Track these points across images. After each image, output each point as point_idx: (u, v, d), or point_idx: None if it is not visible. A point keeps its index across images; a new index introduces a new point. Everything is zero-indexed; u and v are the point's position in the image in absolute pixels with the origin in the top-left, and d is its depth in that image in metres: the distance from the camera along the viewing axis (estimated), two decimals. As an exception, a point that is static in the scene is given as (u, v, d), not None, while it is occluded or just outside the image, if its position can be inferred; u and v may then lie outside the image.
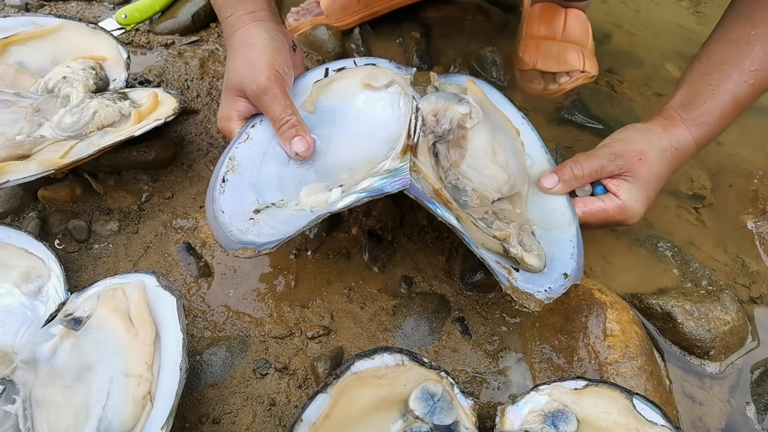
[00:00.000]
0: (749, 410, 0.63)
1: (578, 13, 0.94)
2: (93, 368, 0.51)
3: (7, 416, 0.48)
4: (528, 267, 0.59)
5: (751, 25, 0.61)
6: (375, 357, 0.53)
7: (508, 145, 0.66)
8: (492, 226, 0.60)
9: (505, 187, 0.64)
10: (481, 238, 0.58)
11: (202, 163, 0.79)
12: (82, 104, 0.70)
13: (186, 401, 0.58)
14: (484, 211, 0.61)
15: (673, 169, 0.66)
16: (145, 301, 0.55)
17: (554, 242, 0.62)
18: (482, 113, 0.65)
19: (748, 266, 0.75)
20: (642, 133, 0.65)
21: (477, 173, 0.63)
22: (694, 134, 0.64)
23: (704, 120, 0.64)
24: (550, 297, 0.56)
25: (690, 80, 0.65)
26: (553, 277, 0.59)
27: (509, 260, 0.59)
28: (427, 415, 0.51)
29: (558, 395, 0.53)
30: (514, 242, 0.59)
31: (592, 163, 0.64)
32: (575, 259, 0.61)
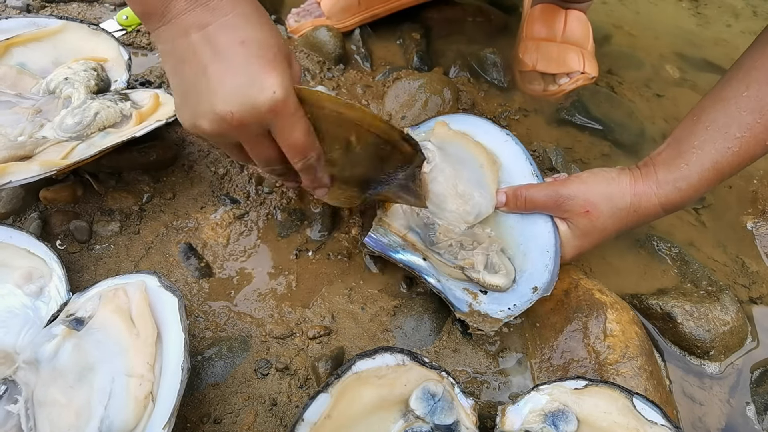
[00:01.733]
0: (749, 410, 0.63)
1: (578, 15, 0.94)
2: (95, 368, 0.51)
3: (10, 416, 0.49)
4: (494, 288, 0.63)
5: (744, 85, 0.57)
6: (376, 357, 0.53)
7: (471, 175, 0.69)
8: (457, 256, 0.65)
9: (470, 217, 0.68)
10: (447, 270, 0.64)
11: (203, 164, 0.79)
12: (83, 105, 0.70)
13: (187, 401, 0.58)
14: (448, 245, 0.66)
15: (626, 227, 0.64)
16: (146, 302, 0.55)
17: (530, 255, 0.66)
18: (439, 154, 0.70)
19: (747, 267, 0.75)
20: (605, 183, 0.63)
21: (442, 210, 0.68)
22: (664, 198, 0.61)
23: (678, 185, 0.60)
24: (510, 314, 0.60)
25: (677, 136, 0.61)
26: (520, 293, 0.63)
27: (476, 285, 0.63)
28: (428, 415, 0.51)
29: (558, 395, 0.53)
30: (479, 268, 0.64)
31: (535, 200, 0.65)
32: (549, 270, 0.63)
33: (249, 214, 0.74)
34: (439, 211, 0.68)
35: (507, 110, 0.92)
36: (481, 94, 0.94)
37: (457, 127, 0.73)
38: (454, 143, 0.71)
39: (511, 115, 0.92)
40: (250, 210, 0.74)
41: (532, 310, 0.66)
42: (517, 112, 0.92)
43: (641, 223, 0.64)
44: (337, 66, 0.96)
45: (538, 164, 0.82)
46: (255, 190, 0.76)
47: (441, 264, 0.64)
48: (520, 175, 0.71)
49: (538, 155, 0.84)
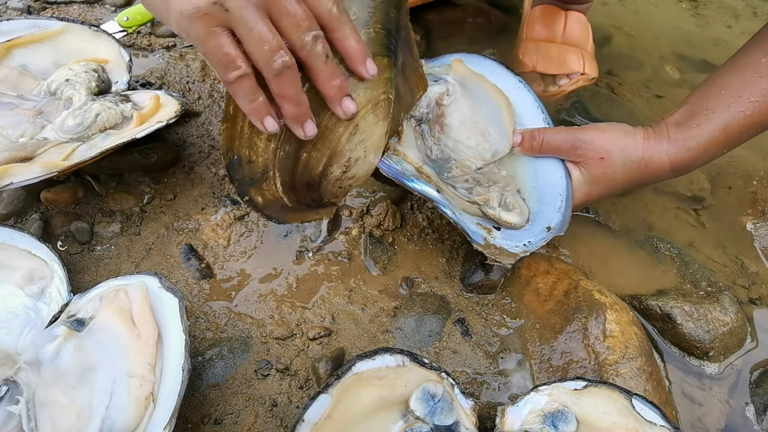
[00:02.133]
0: (748, 411, 0.63)
1: (578, 16, 0.94)
2: (96, 369, 0.52)
3: (11, 417, 0.49)
4: (508, 225, 0.63)
5: (762, 53, 0.58)
6: (376, 358, 0.53)
7: (490, 114, 0.69)
8: (472, 192, 0.65)
9: (488, 154, 0.68)
10: (461, 204, 0.63)
11: (204, 165, 0.79)
12: (84, 107, 0.70)
13: (188, 402, 0.58)
14: (464, 180, 0.65)
15: (634, 183, 0.65)
16: (147, 303, 0.55)
17: (544, 197, 0.66)
18: (460, 89, 0.69)
19: (747, 267, 0.75)
20: (621, 134, 0.64)
21: (459, 144, 0.67)
22: (673, 156, 0.62)
23: (688, 144, 0.61)
24: (526, 250, 0.61)
25: (690, 100, 0.63)
26: (534, 231, 0.63)
27: (490, 221, 0.63)
28: (428, 416, 0.51)
29: (558, 396, 0.53)
30: (493, 204, 0.64)
31: (552, 142, 0.66)
32: (562, 212, 0.64)
33: (249, 215, 0.74)
34: (457, 146, 0.67)
35: (507, 111, 0.92)
36: (481, 95, 0.94)
37: (472, 67, 0.72)
38: (473, 82, 0.70)
39: (511, 116, 0.92)
40: (250, 211, 0.75)
41: (532, 310, 0.67)
42: (517, 113, 0.92)
43: (649, 180, 0.65)
44: (337, 67, 0.96)
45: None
46: (255, 191, 0.77)
47: (455, 198, 0.63)
48: (531, 121, 0.71)
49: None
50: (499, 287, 0.69)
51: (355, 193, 0.77)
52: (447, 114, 0.67)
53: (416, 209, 0.76)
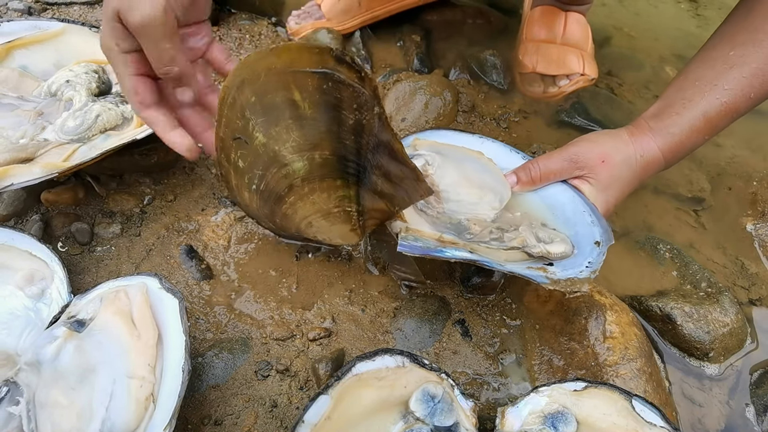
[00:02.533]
0: (748, 412, 0.63)
1: (578, 17, 0.94)
2: (96, 370, 0.52)
3: (11, 418, 0.49)
4: (559, 256, 0.60)
5: (730, 46, 0.61)
6: (376, 359, 0.53)
7: (477, 167, 0.68)
8: (504, 240, 0.62)
9: (495, 202, 0.66)
10: (502, 256, 0.60)
11: (204, 167, 0.80)
12: (84, 108, 0.70)
13: (188, 403, 0.58)
14: (488, 232, 0.63)
15: (639, 178, 0.65)
16: (147, 304, 0.55)
17: (568, 222, 0.64)
18: (438, 157, 0.68)
19: (747, 268, 0.75)
20: (608, 137, 0.65)
21: (463, 205, 0.66)
22: (660, 144, 0.63)
23: (671, 131, 0.62)
24: (594, 270, 0.57)
25: (665, 95, 0.65)
26: (586, 252, 0.60)
27: (539, 260, 0.60)
28: (428, 417, 0.51)
29: (558, 397, 0.53)
30: (532, 242, 0.61)
31: (550, 166, 0.65)
32: (597, 224, 0.62)
33: (249, 216, 0.74)
34: (462, 206, 0.66)
35: (507, 112, 0.92)
36: (481, 96, 0.95)
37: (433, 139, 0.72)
38: (443, 148, 0.70)
39: (511, 117, 0.92)
40: (250, 212, 0.75)
41: (532, 311, 0.67)
42: (517, 113, 0.93)
43: (648, 173, 0.65)
44: (337, 68, 0.96)
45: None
46: (255, 192, 0.77)
47: (492, 252, 0.61)
48: (510, 162, 0.70)
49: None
50: (499, 288, 0.69)
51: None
52: (437, 182, 0.66)
53: (416, 210, 0.76)
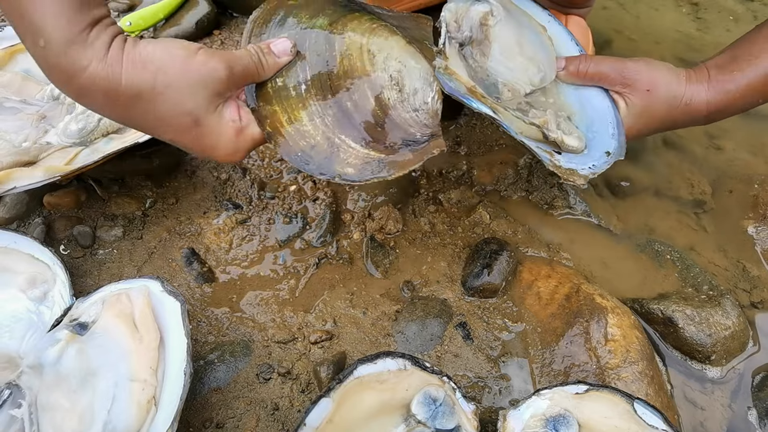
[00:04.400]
0: (751, 415, 0.63)
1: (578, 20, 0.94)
2: (98, 373, 0.52)
3: (14, 420, 0.49)
4: (569, 149, 0.60)
5: None
6: (377, 362, 0.53)
7: (535, 39, 0.66)
8: (528, 114, 0.62)
9: (536, 78, 0.65)
10: (520, 127, 0.60)
11: (206, 170, 0.80)
12: (87, 111, 0.71)
13: (190, 406, 0.58)
14: (517, 103, 0.63)
15: (673, 122, 0.64)
16: (149, 306, 0.56)
17: (593, 126, 0.63)
18: (504, 11, 0.65)
19: (748, 271, 0.75)
20: (667, 70, 0.63)
21: (506, 68, 0.64)
22: (711, 97, 0.61)
23: (728, 87, 0.60)
24: (594, 172, 0.58)
25: (736, 45, 0.62)
26: (595, 156, 0.60)
27: (550, 145, 0.60)
28: (429, 420, 0.51)
29: (559, 400, 0.53)
30: (552, 127, 0.60)
31: (600, 68, 0.64)
32: (616, 138, 0.62)
33: (251, 219, 0.74)
34: (504, 70, 0.64)
35: (508, 115, 0.92)
36: (482, 99, 0.95)
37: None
38: (513, 7, 0.68)
39: (512, 120, 0.92)
40: (252, 215, 0.75)
41: (533, 314, 0.67)
42: (517, 117, 0.93)
43: (685, 122, 0.64)
44: (338, 71, 0.97)
45: (538, 169, 0.82)
46: (257, 195, 0.77)
47: (513, 120, 0.60)
48: (567, 52, 0.69)
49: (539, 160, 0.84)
50: (500, 291, 0.69)
51: (357, 197, 0.77)
52: (492, 37, 0.64)
53: (418, 213, 0.76)
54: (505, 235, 0.75)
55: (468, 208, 0.78)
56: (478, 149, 0.86)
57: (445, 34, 0.62)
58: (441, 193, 0.79)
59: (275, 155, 0.83)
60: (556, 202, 0.79)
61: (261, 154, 0.83)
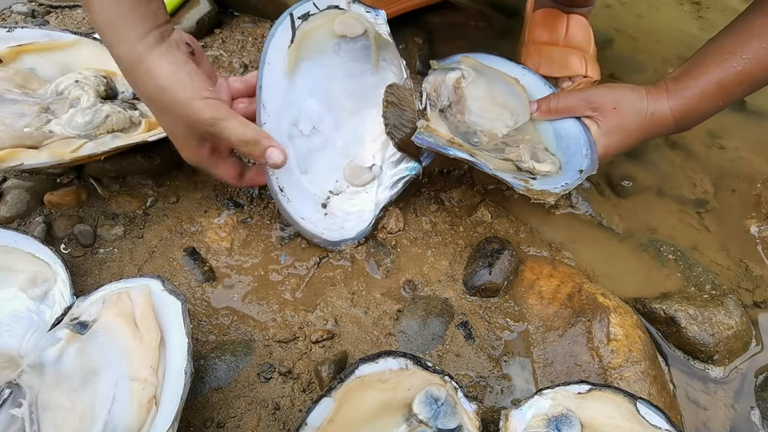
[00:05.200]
0: (754, 415, 0.63)
1: (580, 19, 0.94)
2: (99, 372, 0.52)
3: (14, 420, 0.49)
4: (543, 173, 0.70)
5: (759, 16, 0.63)
6: (379, 361, 0.53)
7: (505, 89, 0.77)
8: (504, 152, 0.72)
9: (511, 121, 0.75)
10: (495, 163, 0.70)
11: (207, 168, 0.80)
12: (94, 107, 0.70)
13: (191, 405, 0.58)
14: (494, 144, 0.73)
15: (645, 133, 0.70)
16: (150, 306, 0.55)
17: (569, 150, 0.73)
18: (474, 73, 0.76)
19: (751, 271, 0.75)
20: (627, 89, 0.70)
21: (482, 118, 0.75)
22: (673, 105, 0.67)
23: (685, 94, 0.67)
24: (565, 188, 0.67)
25: (689, 60, 0.69)
26: (569, 175, 0.70)
27: (525, 173, 0.70)
28: (431, 419, 0.51)
29: (562, 399, 0.53)
30: (525, 158, 0.70)
31: (567, 102, 0.73)
32: (588, 157, 0.70)
33: (252, 218, 0.74)
34: (480, 121, 0.75)
35: (509, 114, 0.92)
36: (483, 98, 0.94)
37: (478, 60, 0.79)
38: (483, 68, 0.78)
39: (514, 119, 0.92)
40: (253, 214, 0.75)
41: (535, 313, 0.66)
42: (519, 116, 0.92)
43: (657, 132, 0.70)
44: (339, 70, 0.97)
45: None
46: (258, 194, 0.77)
47: (489, 159, 0.70)
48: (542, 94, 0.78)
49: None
50: (502, 290, 0.69)
51: (358, 196, 0.77)
52: (466, 95, 0.75)
53: (419, 213, 0.76)
54: (507, 234, 0.75)
55: (469, 208, 0.78)
56: (479, 148, 0.86)
57: (426, 102, 0.74)
58: (443, 192, 0.79)
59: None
60: (559, 201, 0.78)
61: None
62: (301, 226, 0.69)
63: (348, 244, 0.70)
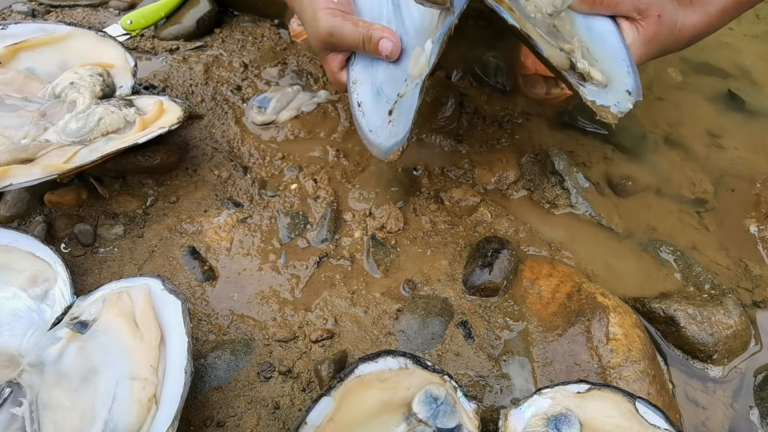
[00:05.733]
0: (753, 414, 0.63)
1: (580, 18, 0.94)
2: (99, 371, 0.52)
3: (14, 419, 0.49)
4: (594, 81, 0.59)
5: None
6: (378, 360, 0.53)
7: None
8: (558, 38, 0.60)
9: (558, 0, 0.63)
10: (548, 50, 0.57)
11: (207, 168, 0.80)
12: (87, 110, 0.71)
13: (190, 404, 0.58)
14: (547, 25, 0.61)
15: (666, 49, 0.66)
16: (150, 305, 0.55)
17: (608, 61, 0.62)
18: None
19: (750, 270, 0.75)
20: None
21: None
22: (696, 21, 0.65)
23: (708, 10, 0.64)
24: (621, 111, 0.57)
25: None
26: (618, 93, 0.59)
27: (575, 75, 0.59)
28: (431, 419, 0.51)
29: (561, 399, 0.53)
30: (578, 56, 0.59)
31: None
32: (632, 77, 0.60)
33: (252, 217, 0.74)
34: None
35: (510, 114, 0.92)
36: (483, 98, 0.94)
37: None
38: None
39: (514, 119, 0.92)
40: (253, 213, 0.75)
41: (535, 313, 0.66)
42: (519, 115, 0.92)
43: (674, 47, 0.66)
44: (339, 70, 0.97)
45: (540, 167, 0.82)
46: (258, 194, 0.77)
47: (544, 42, 0.58)
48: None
49: (540, 158, 0.84)
50: (501, 290, 0.69)
51: (358, 195, 0.77)
52: None
53: (419, 212, 0.76)
54: (507, 234, 0.75)
55: (469, 207, 0.78)
56: (479, 148, 0.86)
57: None
58: (442, 191, 0.79)
59: (276, 154, 0.83)
60: (558, 200, 0.78)
61: (262, 153, 0.83)
62: (367, 138, 0.63)
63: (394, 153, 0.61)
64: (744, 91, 1.02)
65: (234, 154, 0.82)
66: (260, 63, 0.97)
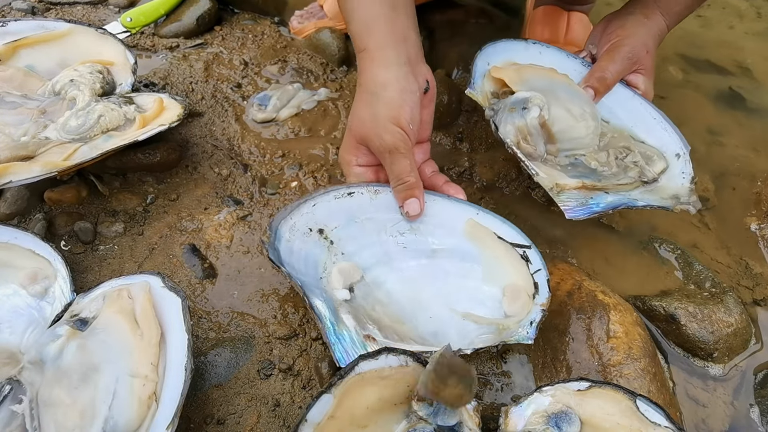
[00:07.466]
0: (753, 412, 0.63)
1: (581, 17, 0.94)
2: (99, 369, 0.52)
3: (14, 416, 0.49)
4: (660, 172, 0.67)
5: None
6: (379, 357, 0.53)
7: (568, 94, 0.70)
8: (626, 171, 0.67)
9: (591, 122, 0.69)
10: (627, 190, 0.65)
11: (207, 165, 0.80)
12: (87, 108, 0.71)
13: (191, 402, 0.58)
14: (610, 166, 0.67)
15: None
16: (150, 302, 0.55)
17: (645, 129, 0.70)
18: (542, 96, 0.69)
19: (751, 268, 0.75)
20: (639, 26, 0.73)
21: (574, 141, 0.68)
22: (668, 22, 0.73)
23: (676, 9, 0.73)
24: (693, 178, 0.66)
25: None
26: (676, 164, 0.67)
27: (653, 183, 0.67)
28: (431, 416, 0.51)
29: (561, 396, 0.53)
30: (644, 165, 0.67)
31: (618, 70, 0.72)
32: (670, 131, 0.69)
33: (252, 215, 0.74)
34: (572, 143, 0.68)
35: (510, 112, 0.92)
36: (483, 95, 0.94)
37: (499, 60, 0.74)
38: (535, 77, 0.72)
39: (514, 117, 0.92)
40: (253, 211, 0.75)
41: (535, 311, 0.66)
42: (519, 113, 0.92)
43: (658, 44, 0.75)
44: (340, 68, 0.97)
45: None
46: (258, 192, 0.77)
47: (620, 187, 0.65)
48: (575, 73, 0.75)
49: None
50: (502, 288, 0.68)
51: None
52: (551, 124, 0.67)
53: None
54: (507, 232, 0.75)
55: (470, 205, 0.78)
56: (479, 146, 0.86)
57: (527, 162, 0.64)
58: (443, 189, 0.79)
59: (276, 152, 0.83)
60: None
61: (262, 150, 0.83)
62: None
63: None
64: (745, 89, 1.02)
65: (234, 151, 0.82)
66: (260, 61, 0.97)
